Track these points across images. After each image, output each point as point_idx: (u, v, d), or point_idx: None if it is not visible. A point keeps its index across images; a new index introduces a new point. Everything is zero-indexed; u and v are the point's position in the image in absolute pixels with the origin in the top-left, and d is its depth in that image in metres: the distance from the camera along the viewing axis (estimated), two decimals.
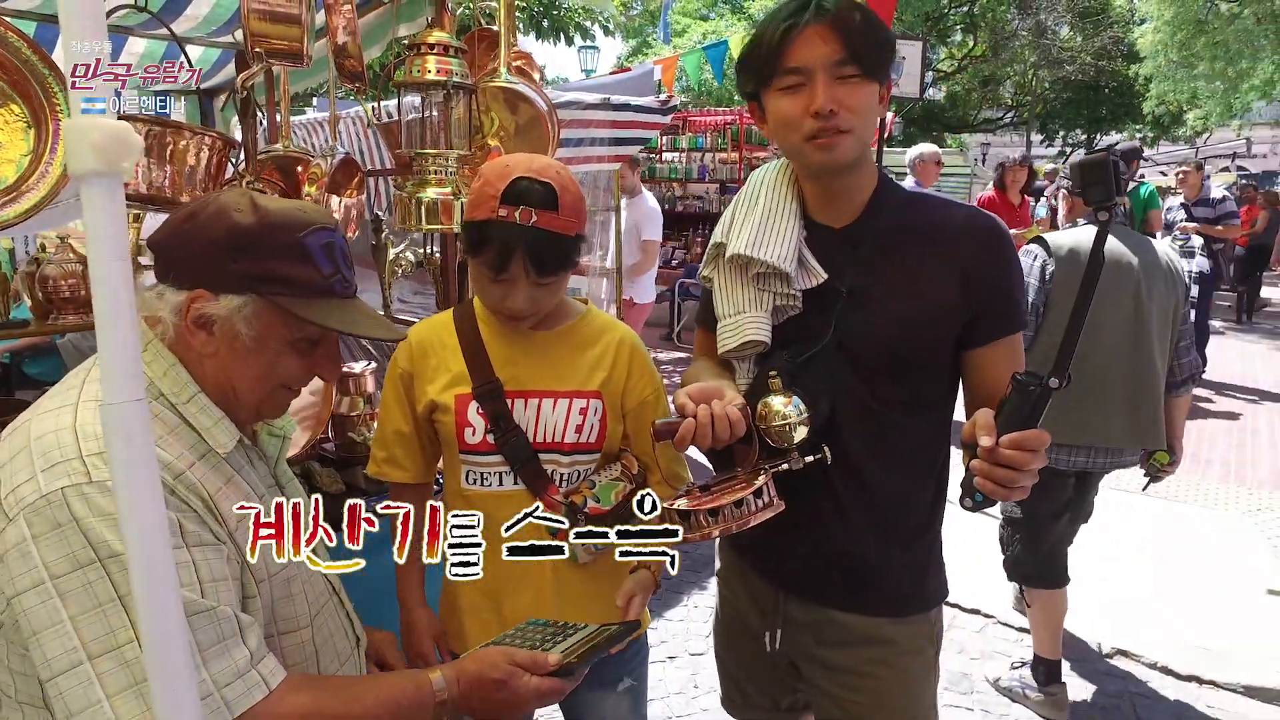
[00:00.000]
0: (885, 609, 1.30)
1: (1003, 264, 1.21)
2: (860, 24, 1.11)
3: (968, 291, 1.18)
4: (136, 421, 0.66)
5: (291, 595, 1.01)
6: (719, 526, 1.10)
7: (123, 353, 0.66)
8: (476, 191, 1.28)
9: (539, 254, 1.23)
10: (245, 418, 1.03)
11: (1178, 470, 2.60)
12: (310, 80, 3.07)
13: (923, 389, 1.23)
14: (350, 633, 1.15)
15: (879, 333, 1.19)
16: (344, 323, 0.99)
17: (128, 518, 0.66)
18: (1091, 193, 0.96)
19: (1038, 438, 0.95)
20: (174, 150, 1.69)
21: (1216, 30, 15.06)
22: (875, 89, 1.15)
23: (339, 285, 1.00)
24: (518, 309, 1.29)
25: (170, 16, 2.20)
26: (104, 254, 0.65)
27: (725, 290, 1.28)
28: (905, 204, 1.25)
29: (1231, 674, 2.82)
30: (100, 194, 0.63)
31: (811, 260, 1.23)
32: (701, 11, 19.53)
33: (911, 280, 1.19)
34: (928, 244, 1.21)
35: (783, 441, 1.16)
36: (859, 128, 1.14)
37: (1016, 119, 24.61)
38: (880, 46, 1.13)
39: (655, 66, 6.01)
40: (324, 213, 1.03)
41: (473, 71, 2.00)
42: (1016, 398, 0.97)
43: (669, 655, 2.95)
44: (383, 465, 1.46)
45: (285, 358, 0.99)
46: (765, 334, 1.24)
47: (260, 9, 1.42)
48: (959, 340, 1.22)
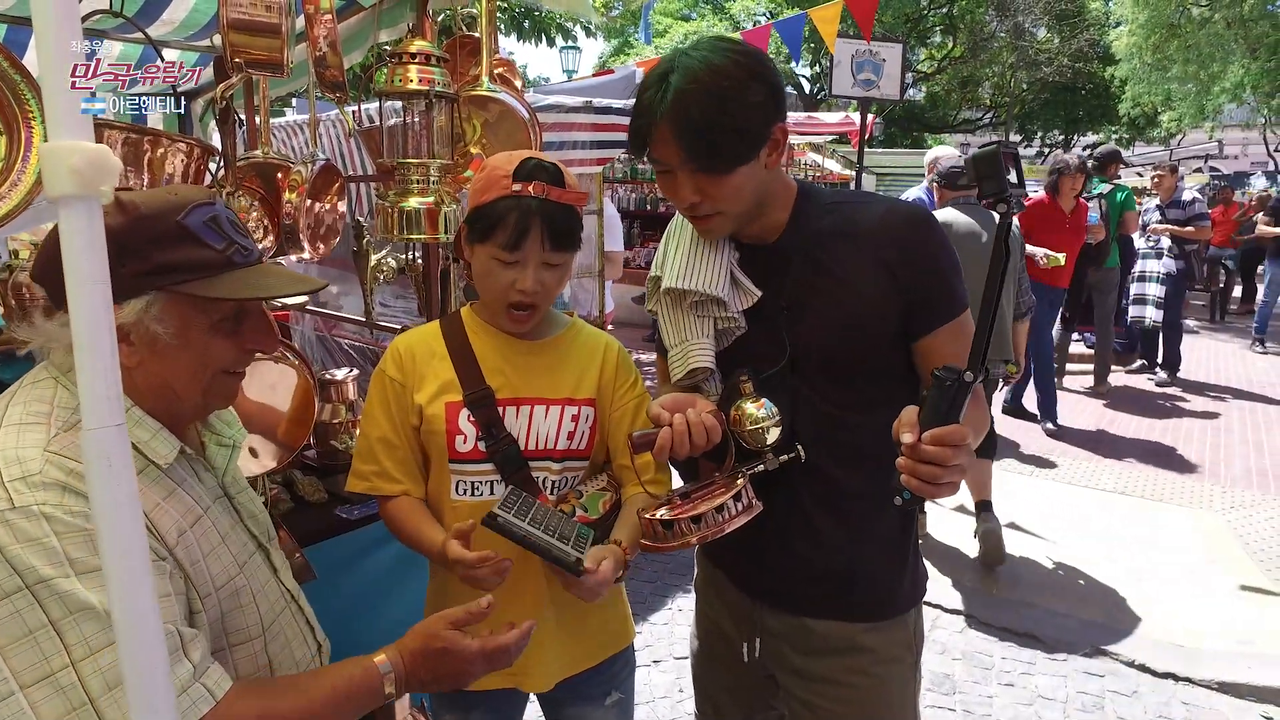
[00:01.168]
0: (860, 613, 1.29)
1: (926, 251, 1.19)
2: (703, 126, 1.08)
3: (896, 284, 1.17)
4: (116, 446, 0.65)
5: (241, 606, 0.99)
6: (702, 532, 1.12)
7: (103, 377, 0.65)
8: (484, 179, 1.30)
9: (554, 224, 1.27)
10: (192, 415, 1.02)
11: (1154, 469, 2.69)
12: (289, 86, 3.04)
13: (877, 389, 1.23)
14: (310, 638, 1.14)
15: (821, 341, 1.20)
16: (257, 289, 0.97)
17: (109, 544, 0.65)
18: (985, 186, 0.94)
19: (956, 433, 0.95)
20: (151, 159, 1.67)
21: (1189, 34, 15.34)
22: (739, 175, 1.13)
23: (238, 255, 0.97)
24: (528, 289, 1.28)
25: (146, 21, 2.17)
26: (82, 277, 0.64)
27: (668, 321, 1.31)
28: (827, 209, 1.24)
29: (1207, 671, 2.87)
30: (78, 217, 0.63)
31: (744, 280, 1.25)
32: (683, 12, 19.58)
33: (843, 284, 1.20)
34: (852, 245, 1.20)
35: (757, 443, 1.18)
36: (728, 208, 1.17)
37: (995, 120, 24.90)
38: (727, 144, 1.10)
39: (637, 69, 6.01)
40: (197, 189, 1.00)
41: (454, 78, 1.99)
42: (935, 393, 0.96)
43: (654, 660, 2.95)
44: (373, 479, 1.39)
45: (213, 343, 0.97)
46: (709, 359, 1.26)
47: (240, 19, 1.41)
48: (905, 334, 1.21)
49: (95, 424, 0.64)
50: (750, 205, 1.19)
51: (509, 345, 1.39)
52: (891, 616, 1.31)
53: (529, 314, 1.33)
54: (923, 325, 1.19)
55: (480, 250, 1.30)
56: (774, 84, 1.13)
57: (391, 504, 1.39)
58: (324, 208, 2.13)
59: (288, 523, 1.92)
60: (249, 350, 1.02)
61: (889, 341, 1.21)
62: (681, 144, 1.10)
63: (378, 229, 1.81)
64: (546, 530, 1.22)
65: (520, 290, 1.29)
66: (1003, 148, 0.94)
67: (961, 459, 0.95)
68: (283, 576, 1.12)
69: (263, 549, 1.10)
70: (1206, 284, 9.74)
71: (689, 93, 1.08)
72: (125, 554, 0.65)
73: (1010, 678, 2.89)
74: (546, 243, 1.27)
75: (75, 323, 0.64)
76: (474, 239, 1.31)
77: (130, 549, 0.65)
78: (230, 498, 1.08)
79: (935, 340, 1.19)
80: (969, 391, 0.95)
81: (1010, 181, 0.93)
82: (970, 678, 2.88)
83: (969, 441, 0.96)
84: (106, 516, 0.64)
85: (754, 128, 1.11)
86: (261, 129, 1.95)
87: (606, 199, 5.44)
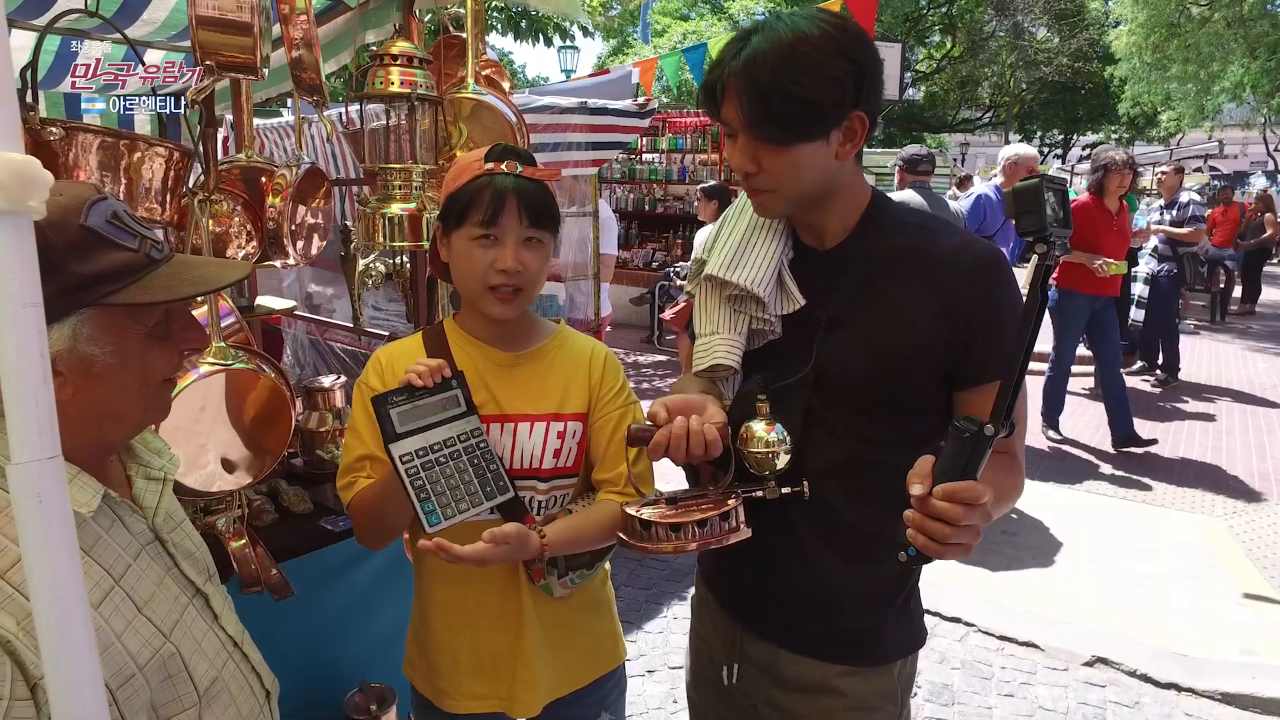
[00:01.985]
0: (835, 654, 1.20)
1: (991, 298, 1.08)
2: (768, 88, 1.01)
3: (951, 327, 1.07)
4: (49, 481, 0.60)
5: (172, 676, 0.88)
6: (678, 543, 1.06)
7: (34, 407, 0.60)
8: (457, 167, 1.28)
9: (529, 199, 1.24)
10: (127, 437, 0.95)
11: (1155, 472, 2.67)
12: (274, 89, 2.99)
13: (905, 428, 1.13)
14: (258, 686, 1.04)
15: (856, 366, 1.11)
16: (195, 284, 0.88)
17: (40, 589, 0.60)
18: (1023, 222, 0.84)
19: (971, 491, 0.86)
20: (129, 163, 1.62)
21: (1188, 33, 15.32)
22: (799, 151, 1.05)
23: (154, 251, 0.87)
24: (509, 267, 1.23)
25: (126, 21, 2.12)
26: (12, 298, 0.59)
27: (703, 308, 1.23)
28: (898, 227, 1.14)
29: (1209, 681, 2.83)
30: (6, 235, 0.58)
31: (791, 284, 1.16)
32: (682, 11, 19.51)
33: (894, 311, 1.10)
34: (914, 272, 1.10)
35: (762, 469, 1.11)
36: (783, 187, 1.08)
37: (994, 119, 24.87)
38: (788, 110, 1.01)
39: (633, 69, 5.96)
40: (81, 185, 0.87)
41: (441, 80, 1.94)
42: (953, 445, 0.88)
43: (648, 669, 2.91)
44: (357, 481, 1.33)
45: (151, 353, 0.88)
46: (734, 358, 1.18)
47: (209, 17, 1.35)
48: (949, 379, 1.11)
49: (24, 457, 0.59)
50: (810, 191, 1.09)
51: (493, 358, 1.34)
52: (873, 664, 1.20)
53: (513, 296, 1.26)
54: (970, 377, 1.09)
55: (457, 237, 1.26)
56: (863, 66, 1.03)
57: (358, 495, 1.31)
58: (308, 211, 2.09)
59: (271, 535, 1.88)
60: (183, 352, 0.94)
61: (926, 382, 1.11)
62: (744, 105, 1.03)
63: (359, 235, 1.76)
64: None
65: (501, 270, 1.23)
66: (1047, 181, 0.83)
67: (975, 520, 0.87)
68: (224, 621, 1.02)
69: (201, 594, 0.99)
70: (1207, 284, 9.71)
71: (764, 53, 1.00)
72: (58, 601, 0.60)
73: (1010, 688, 2.85)
74: (524, 217, 1.23)
75: (4, 349, 0.59)
76: (450, 227, 1.27)
77: (64, 595, 0.60)
78: (162, 541, 0.97)
79: (979, 396, 1.08)
80: (989, 446, 0.87)
81: (1051, 218, 0.82)
82: (969, 687, 2.84)
83: (985, 502, 0.87)
84: (37, 561, 0.60)
85: (824, 104, 1.01)
86: (245, 132, 1.90)
87: (603, 201, 5.40)
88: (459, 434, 1.20)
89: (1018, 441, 1.15)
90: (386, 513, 1.27)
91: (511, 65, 23.28)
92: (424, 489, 1.15)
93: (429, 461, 1.17)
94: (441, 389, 1.19)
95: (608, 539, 1.31)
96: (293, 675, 1.24)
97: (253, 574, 1.70)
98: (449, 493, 1.17)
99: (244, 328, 1.90)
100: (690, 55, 5.94)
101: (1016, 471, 1.16)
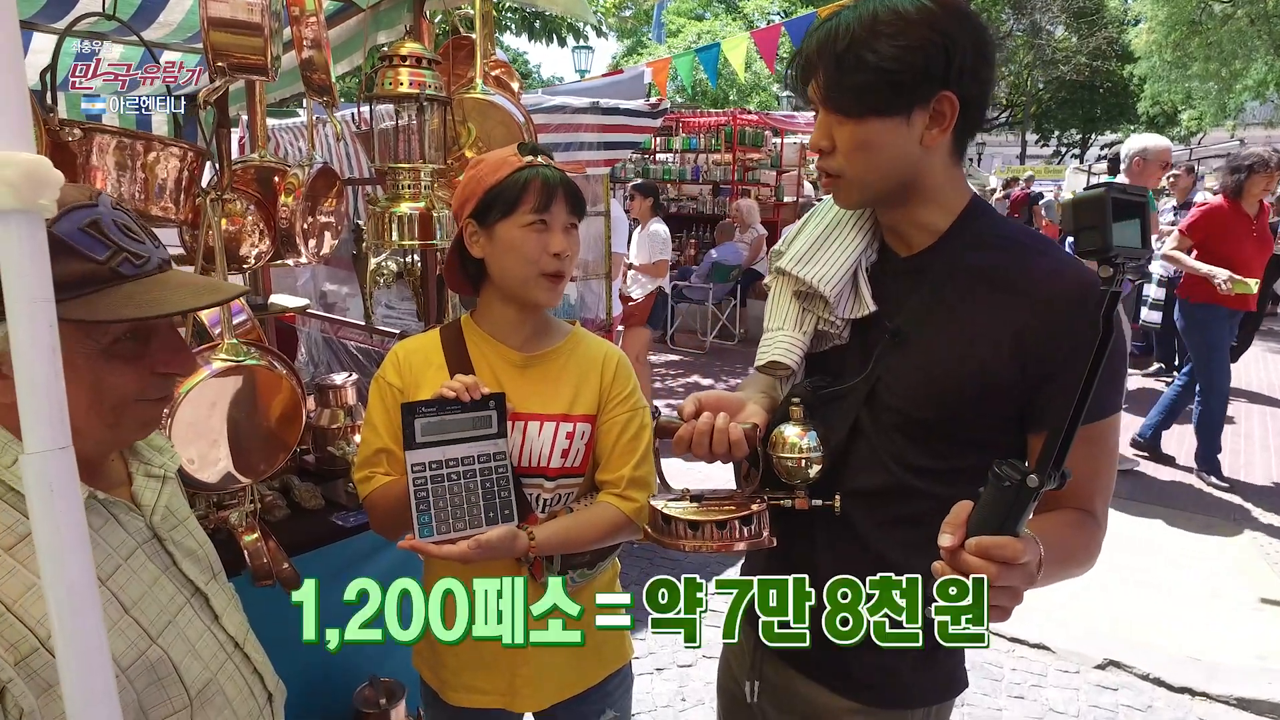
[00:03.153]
0: (849, 690, 1.12)
1: (1074, 330, 0.94)
2: (843, 53, 0.95)
3: (1021, 356, 0.96)
4: (60, 470, 0.62)
5: (160, 679, 0.87)
6: (696, 542, 1.04)
7: (45, 397, 0.62)
8: (489, 165, 1.32)
9: (569, 188, 1.32)
10: (105, 451, 0.91)
11: (1171, 475, 2.61)
12: (289, 90, 3.03)
13: (958, 462, 1.01)
14: (259, 688, 1.02)
15: (911, 387, 1.02)
16: (147, 306, 0.81)
17: (52, 579, 0.62)
18: (1083, 239, 0.73)
19: (1008, 549, 0.76)
20: (144, 163, 1.65)
21: (1210, 31, 15.12)
22: (869, 127, 0.97)
23: (126, 266, 0.81)
24: (562, 248, 1.30)
25: (143, 23, 2.16)
26: (23, 294, 0.61)
27: (774, 302, 1.18)
28: (992, 240, 1.02)
29: (1225, 686, 2.80)
30: (16, 232, 0.60)
31: (865, 288, 1.07)
32: (696, 11, 19.50)
33: (962, 334, 1.00)
34: (993, 294, 0.99)
35: (793, 477, 1.06)
36: (853, 169, 1.00)
37: (1011, 119, 24.67)
38: (859, 80, 0.95)
39: (646, 69, 5.98)
40: (75, 189, 0.82)
41: (451, 80, 1.96)
42: (990, 494, 0.78)
43: (656, 667, 2.91)
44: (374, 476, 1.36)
45: (109, 372, 0.83)
46: (793, 358, 1.11)
47: (220, 19, 1.38)
48: (1022, 418, 1.00)
49: (37, 447, 0.61)
50: (886, 180, 1.00)
51: (507, 357, 1.36)
52: (890, 707, 1.12)
53: (560, 281, 1.33)
54: (1041, 418, 0.98)
55: (504, 227, 1.28)
56: (955, 41, 0.93)
57: (378, 490, 1.35)
58: (321, 210, 2.11)
59: (282, 530, 1.91)
60: (161, 374, 0.89)
61: (989, 417, 1.00)
62: (822, 74, 0.97)
63: (369, 235, 1.78)
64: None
65: (555, 252, 1.29)
66: (1113, 192, 0.72)
67: (1013, 580, 0.78)
68: (226, 621, 1.00)
69: (201, 593, 0.98)
70: None
71: (848, 23, 0.95)
72: (69, 586, 0.62)
73: (1020, 690, 2.83)
74: (567, 204, 1.31)
75: (15, 342, 0.61)
76: (494, 219, 1.29)
77: (74, 581, 0.62)
78: (160, 539, 0.96)
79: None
80: (1032, 499, 0.76)
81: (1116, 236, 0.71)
82: (979, 689, 2.82)
83: (1026, 561, 0.78)
84: (48, 548, 0.61)
85: (902, 75, 0.93)
86: (259, 132, 1.93)
87: (615, 200, 5.41)
88: (480, 454, 1.22)
89: (1099, 499, 1.04)
90: (404, 512, 1.28)
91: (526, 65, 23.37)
92: (425, 500, 1.18)
93: (439, 475, 1.19)
94: (476, 407, 1.21)
95: (603, 540, 1.33)
96: (304, 669, 1.25)
97: (265, 567, 1.73)
98: (449, 509, 1.20)
99: (256, 325, 1.93)
100: (704, 55, 5.96)
101: (1091, 532, 1.03)
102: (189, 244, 1.95)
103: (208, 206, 1.61)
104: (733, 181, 9.64)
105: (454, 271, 1.40)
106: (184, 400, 1.54)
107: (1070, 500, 1.01)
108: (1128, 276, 0.72)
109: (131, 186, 1.65)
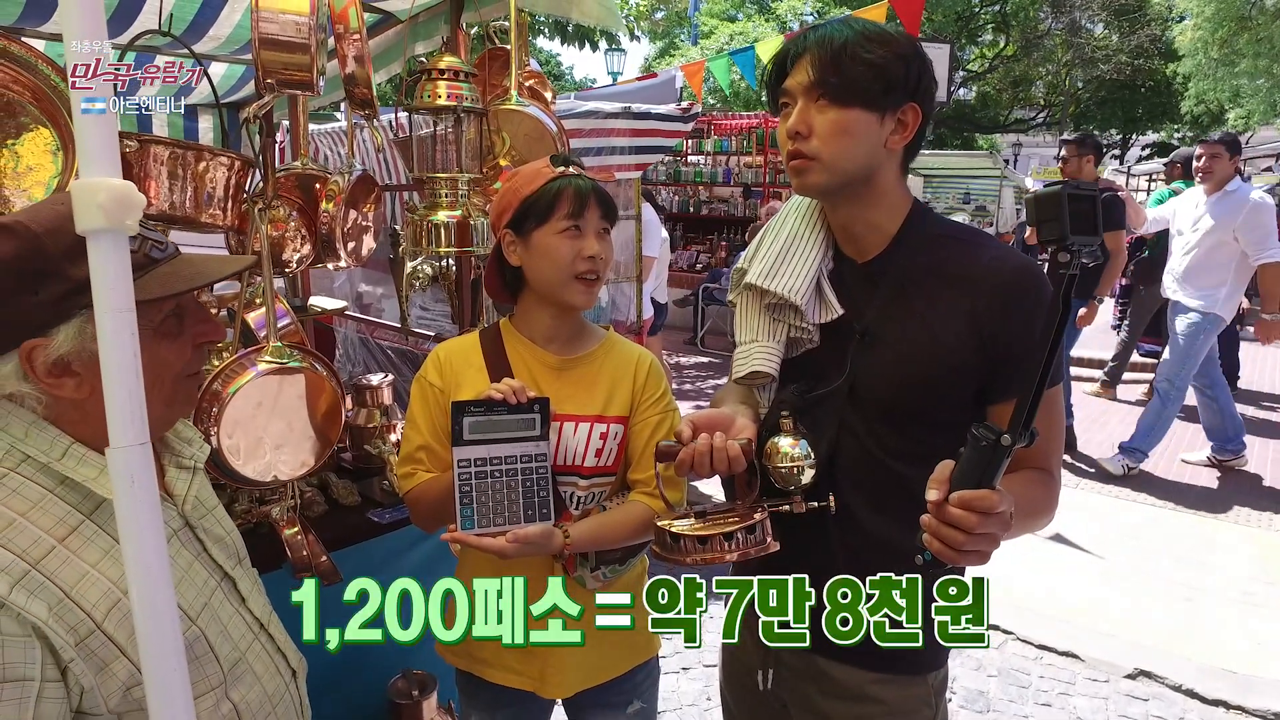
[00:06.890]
0: (869, 662, 1.20)
1: (1021, 310, 1.08)
2: (840, 48, 1.07)
3: (979, 338, 1.09)
4: (139, 464, 0.69)
5: (198, 658, 0.93)
6: (704, 555, 1.10)
7: (128, 399, 0.69)
8: (521, 178, 1.39)
9: (600, 195, 1.38)
10: (157, 433, 0.97)
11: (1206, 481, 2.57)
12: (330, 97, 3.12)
13: (932, 443, 1.09)
14: (284, 667, 1.09)
15: (886, 380, 1.13)
16: (191, 279, 0.91)
17: (133, 556, 0.69)
18: (1044, 230, 0.84)
19: (986, 499, 0.87)
20: (195, 171, 1.74)
21: (1260, 26, 14.67)
22: (853, 115, 1.08)
23: (155, 250, 0.91)
24: (595, 252, 1.36)
25: (194, 38, 2.26)
26: (110, 305, 0.68)
27: (743, 316, 1.28)
28: (936, 239, 1.15)
29: (1260, 699, 2.75)
30: (106, 249, 0.67)
31: (829, 293, 1.18)
32: (729, 13, 19.49)
33: (925, 328, 1.11)
34: (943, 285, 1.12)
35: (788, 484, 1.14)
36: (827, 153, 1.09)
37: (1049, 119, 24.22)
38: (854, 72, 1.06)
39: (678, 73, 6.01)
40: None
41: (485, 90, 2.03)
42: (970, 453, 0.89)
43: (683, 666, 2.95)
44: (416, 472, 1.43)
45: (161, 349, 0.91)
46: (772, 366, 1.21)
47: (269, 38, 1.45)
48: (981, 394, 1.12)
49: (121, 442, 0.68)
50: (855, 166, 1.10)
51: (544, 360, 1.42)
52: (906, 673, 1.22)
53: (594, 284, 1.39)
54: (999, 391, 1.11)
55: (539, 234, 1.35)
56: (924, 68, 1.10)
57: (419, 486, 1.41)
58: (360, 216, 2.19)
59: (321, 525, 1.99)
60: (199, 346, 0.98)
61: (956, 399, 1.13)
62: (815, 64, 1.08)
63: (407, 242, 1.85)
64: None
65: (588, 256, 1.35)
66: (1068, 189, 0.83)
67: (992, 528, 0.89)
68: (252, 603, 1.07)
69: (229, 578, 1.04)
70: None
71: (844, 29, 1.09)
72: (146, 570, 0.68)
73: (1048, 697, 2.82)
74: (598, 210, 1.37)
75: (103, 348, 0.68)
76: (530, 227, 1.36)
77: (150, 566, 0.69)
78: (191, 527, 1.02)
79: (1006, 410, 1.06)
80: (1006, 455, 0.87)
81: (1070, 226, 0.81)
82: (1005, 696, 2.82)
83: (1001, 510, 0.89)
84: (131, 533, 0.68)
85: (889, 75, 1.07)
86: (301, 141, 2.02)
87: (646, 204, 5.45)
88: (522, 454, 1.29)
89: (1054, 458, 1.17)
90: (446, 507, 1.34)
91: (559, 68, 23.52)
92: (469, 495, 1.26)
93: (483, 472, 1.27)
94: (522, 410, 1.29)
95: (633, 538, 1.38)
96: (340, 661, 1.31)
97: (304, 560, 1.80)
98: (490, 505, 1.27)
99: (299, 328, 2.01)
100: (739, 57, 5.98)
101: (1049, 487, 1.16)
102: (234, 248, 2.04)
103: (255, 214, 1.69)
104: (764, 184, 9.63)
105: (493, 280, 1.46)
106: (231, 400, 1.62)
107: (1030, 461, 1.15)
108: (1083, 259, 0.82)
109: (183, 195, 1.73)
